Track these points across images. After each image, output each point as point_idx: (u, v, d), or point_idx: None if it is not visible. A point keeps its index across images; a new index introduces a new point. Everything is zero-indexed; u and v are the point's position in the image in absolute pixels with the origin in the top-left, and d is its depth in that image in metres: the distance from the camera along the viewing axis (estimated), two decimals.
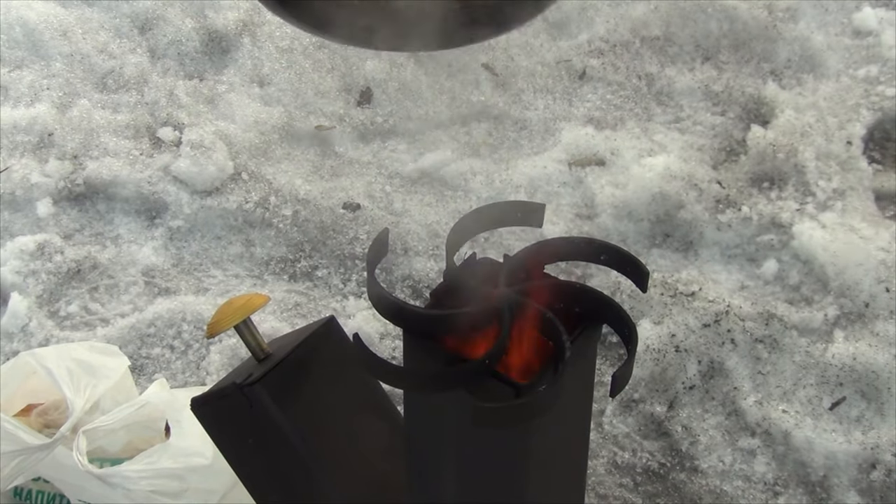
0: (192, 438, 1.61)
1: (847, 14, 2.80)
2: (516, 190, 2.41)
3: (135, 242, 2.32)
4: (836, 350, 2.03)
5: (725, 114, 2.59)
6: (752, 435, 1.95)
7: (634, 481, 1.91)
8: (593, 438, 1.95)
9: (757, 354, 2.04)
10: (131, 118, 2.55)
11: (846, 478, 1.89)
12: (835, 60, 2.69)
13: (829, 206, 2.31)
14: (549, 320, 1.13)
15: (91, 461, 1.62)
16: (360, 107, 2.62)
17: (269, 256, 2.29)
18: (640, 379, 2.02)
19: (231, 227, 2.34)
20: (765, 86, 2.63)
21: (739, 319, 2.07)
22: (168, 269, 2.27)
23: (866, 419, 1.96)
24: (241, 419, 1.37)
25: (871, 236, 2.21)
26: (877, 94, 2.58)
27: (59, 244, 2.27)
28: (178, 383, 2.04)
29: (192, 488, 1.62)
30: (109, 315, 2.17)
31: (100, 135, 2.49)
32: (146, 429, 1.74)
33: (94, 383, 1.70)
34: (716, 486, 1.89)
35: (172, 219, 2.34)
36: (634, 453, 1.95)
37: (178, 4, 2.81)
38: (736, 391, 2.00)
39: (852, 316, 2.10)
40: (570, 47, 2.76)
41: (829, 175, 2.37)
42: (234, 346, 2.07)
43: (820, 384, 2.00)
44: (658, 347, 2.04)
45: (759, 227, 2.28)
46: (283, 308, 2.17)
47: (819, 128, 2.47)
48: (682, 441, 1.95)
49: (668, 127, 2.56)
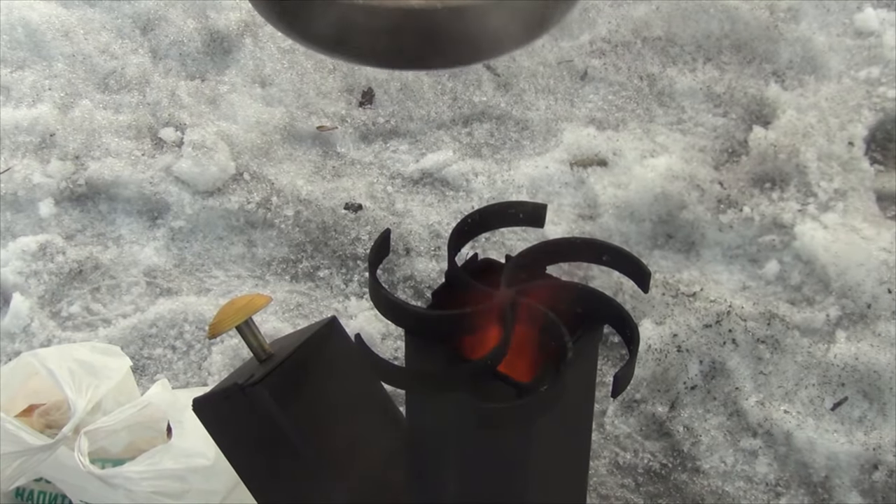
0: (193, 439, 1.61)
1: (849, 15, 2.80)
2: (518, 190, 2.41)
3: (136, 243, 2.32)
4: (838, 350, 2.02)
5: (727, 115, 2.59)
6: (753, 435, 1.95)
7: (636, 482, 1.91)
8: (595, 439, 1.95)
9: (759, 355, 2.04)
10: (133, 119, 2.55)
11: (848, 478, 1.89)
12: (836, 61, 2.69)
13: (831, 206, 2.31)
14: (552, 320, 1.13)
15: (93, 462, 1.62)
16: (362, 107, 2.63)
17: (271, 257, 2.29)
18: (641, 379, 2.02)
19: (233, 227, 2.34)
20: (766, 86, 2.63)
21: (741, 320, 2.07)
22: (170, 270, 2.27)
23: (868, 420, 1.96)
24: (243, 420, 1.37)
25: (873, 237, 2.20)
26: (878, 95, 2.58)
27: (60, 244, 2.27)
28: (179, 384, 2.04)
29: (194, 489, 1.62)
30: (111, 315, 2.17)
31: (101, 135, 2.49)
32: (148, 429, 1.74)
33: (95, 384, 1.70)
34: (717, 487, 1.89)
35: (174, 219, 2.34)
36: (636, 454, 1.95)
37: (180, 5, 2.81)
38: (737, 391, 2.00)
39: (854, 316, 2.10)
40: (572, 48, 2.76)
41: (830, 176, 2.37)
42: (235, 346, 2.07)
43: (822, 384, 2.00)
44: (659, 348, 2.04)
45: (761, 227, 2.28)
46: (285, 308, 2.17)
47: (821, 128, 2.47)
48: (683, 441, 1.95)
49: (670, 128, 2.56)
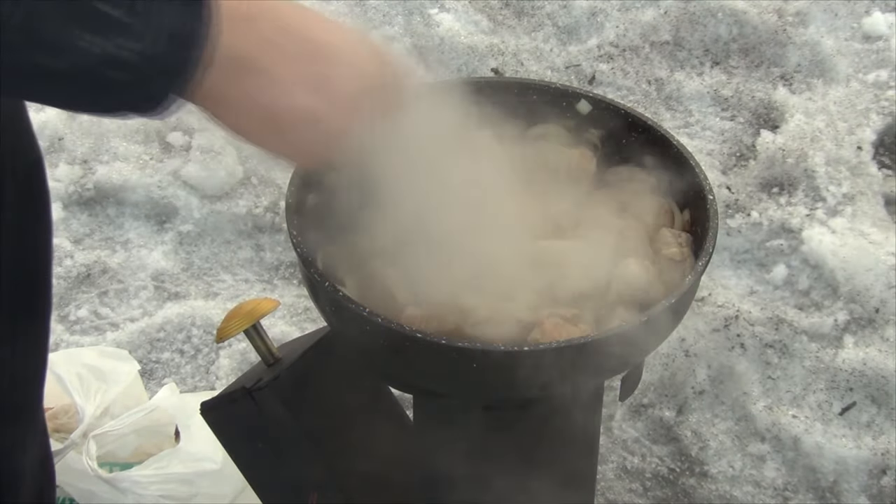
0: (201, 443, 1.61)
1: (857, 18, 2.80)
2: None
3: (144, 247, 2.32)
4: (846, 355, 2.02)
5: (735, 119, 2.59)
6: (761, 440, 1.95)
7: (644, 486, 1.91)
8: (602, 443, 1.94)
9: (766, 359, 2.03)
10: (141, 123, 2.56)
11: (856, 483, 1.88)
12: (845, 65, 2.68)
13: (839, 211, 2.30)
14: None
15: (101, 466, 1.62)
16: None
17: (279, 261, 2.29)
18: (649, 384, 2.02)
19: (241, 231, 2.34)
20: (774, 90, 2.62)
21: (749, 324, 2.06)
22: (178, 274, 2.27)
23: (876, 424, 1.95)
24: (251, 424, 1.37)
25: (881, 241, 2.20)
26: (887, 99, 2.57)
27: (69, 248, 2.28)
28: (187, 388, 2.05)
29: (202, 493, 1.62)
30: (119, 319, 2.17)
31: (110, 139, 2.50)
32: (156, 434, 1.74)
33: (104, 388, 1.71)
34: (725, 492, 1.89)
35: (182, 223, 2.35)
36: (644, 458, 1.94)
37: None
38: (745, 396, 1.99)
39: (862, 321, 2.10)
40: (580, 52, 2.75)
41: (838, 180, 2.37)
42: (243, 350, 2.07)
43: (830, 389, 2.00)
44: (667, 352, 2.03)
45: (769, 232, 2.28)
46: (293, 313, 2.17)
47: (829, 133, 2.47)
48: (691, 446, 1.95)
49: (678, 132, 2.56)
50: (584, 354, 1.01)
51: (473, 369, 1.01)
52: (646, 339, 1.06)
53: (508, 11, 2.86)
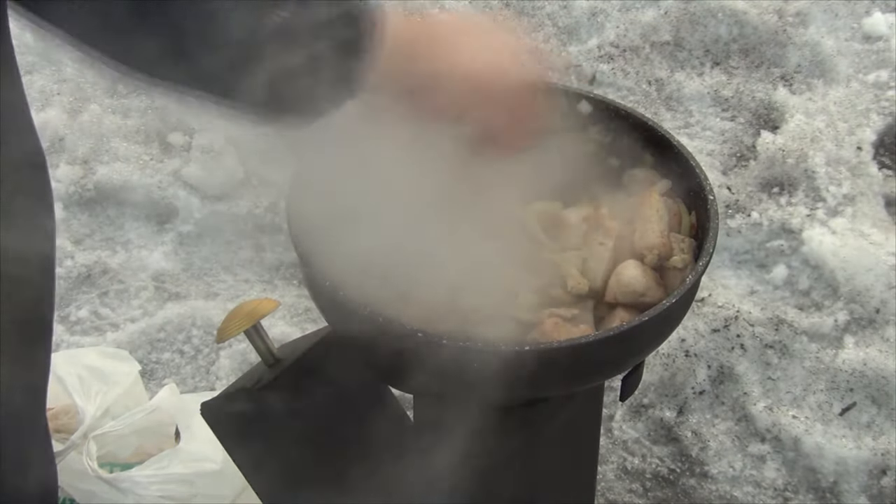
0: (201, 443, 1.61)
1: (857, 19, 2.80)
2: None
3: (145, 247, 2.32)
4: (847, 356, 2.02)
5: (735, 119, 2.59)
6: (761, 440, 1.95)
7: (644, 487, 1.91)
8: (603, 444, 1.94)
9: (767, 360, 2.03)
10: (141, 123, 2.56)
11: (856, 484, 1.88)
12: (845, 65, 2.68)
13: (839, 211, 2.30)
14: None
15: (101, 466, 1.62)
16: None
17: (279, 261, 2.29)
18: (649, 384, 2.02)
19: (241, 231, 2.34)
20: (775, 91, 2.62)
21: (749, 325, 2.06)
22: (178, 274, 2.27)
23: (877, 425, 1.95)
24: (251, 424, 1.37)
25: (882, 242, 2.20)
26: (887, 100, 2.57)
27: (69, 249, 2.28)
28: (187, 388, 2.05)
29: (202, 493, 1.62)
30: (119, 320, 2.17)
31: (110, 140, 2.50)
32: (156, 434, 1.74)
33: (104, 389, 1.70)
34: (726, 492, 1.89)
35: (182, 224, 2.35)
36: (644, 459, 1.94)
37: None
38: (746, 396, 1.99)
39: (862, 321, 2.10)
40: (581, 52, 2.75)
41: (839, 180, 2.37)
42: (243, 350, 2.07)
43: (830, 390, 2.00)
44: (668, 352, 2.04)
45: (769, 232, 2.28)
46: (294, 313, 2.17)
47: (829, 133, 2.47)
48: (691, 446, 1.95)
49: (678, 132, 2.56)
50: (584, 354, 1.01)
51: (473, 369, 1.01)
52: (646, 339, 1.06)
53: (508, 12, 2.86)
